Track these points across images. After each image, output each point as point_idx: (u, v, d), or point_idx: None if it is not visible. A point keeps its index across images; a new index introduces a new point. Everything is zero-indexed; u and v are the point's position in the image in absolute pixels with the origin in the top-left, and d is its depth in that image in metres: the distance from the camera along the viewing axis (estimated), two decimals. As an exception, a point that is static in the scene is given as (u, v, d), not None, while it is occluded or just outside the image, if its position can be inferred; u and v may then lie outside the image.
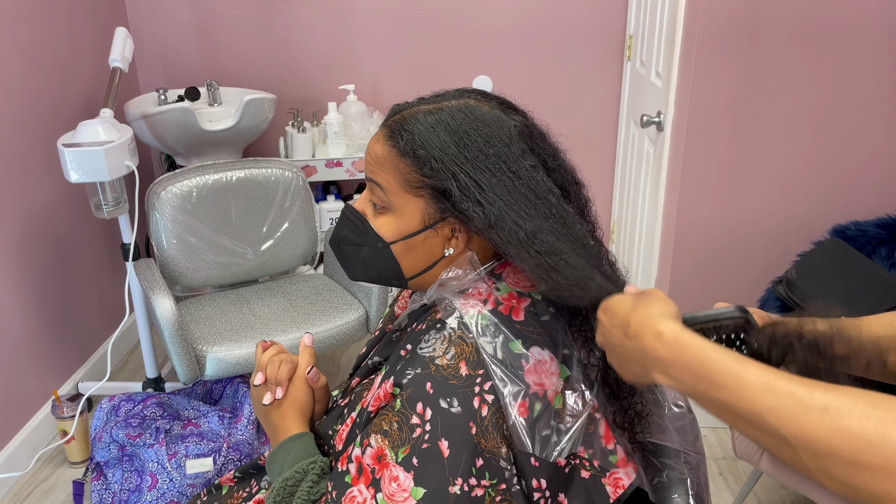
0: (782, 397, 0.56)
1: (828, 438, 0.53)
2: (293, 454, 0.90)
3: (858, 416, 0.52)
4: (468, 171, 0.79)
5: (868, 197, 2.02)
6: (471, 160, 0.79)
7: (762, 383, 0.57)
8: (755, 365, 0.59)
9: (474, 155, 0.79)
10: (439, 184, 0.80)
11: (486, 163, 0.79)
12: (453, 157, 0.79)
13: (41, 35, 2.32)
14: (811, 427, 0.54)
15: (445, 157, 0.79)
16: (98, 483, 1.98)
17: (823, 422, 0.53)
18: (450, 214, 0.81)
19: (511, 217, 0.77)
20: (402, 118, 0.84)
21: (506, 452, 0.75)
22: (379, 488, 0.74)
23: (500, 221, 0.77)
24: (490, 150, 0.80)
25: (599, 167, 3.00)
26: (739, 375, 0.59)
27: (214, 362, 2.02)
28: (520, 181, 0.79)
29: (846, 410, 0.53)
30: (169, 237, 2.19)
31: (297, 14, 2.84)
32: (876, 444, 0.51)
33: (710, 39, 1.89)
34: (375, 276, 0.89)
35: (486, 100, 0.86)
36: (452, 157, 0.79)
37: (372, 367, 0.97)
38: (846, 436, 0.52)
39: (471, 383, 0.76)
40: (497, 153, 0.80)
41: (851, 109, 1.95)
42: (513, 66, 2.88)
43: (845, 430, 0.52)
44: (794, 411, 0.55)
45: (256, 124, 2.58)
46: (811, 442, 0.54)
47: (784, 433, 0.55)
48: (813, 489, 1.68)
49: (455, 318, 0.81)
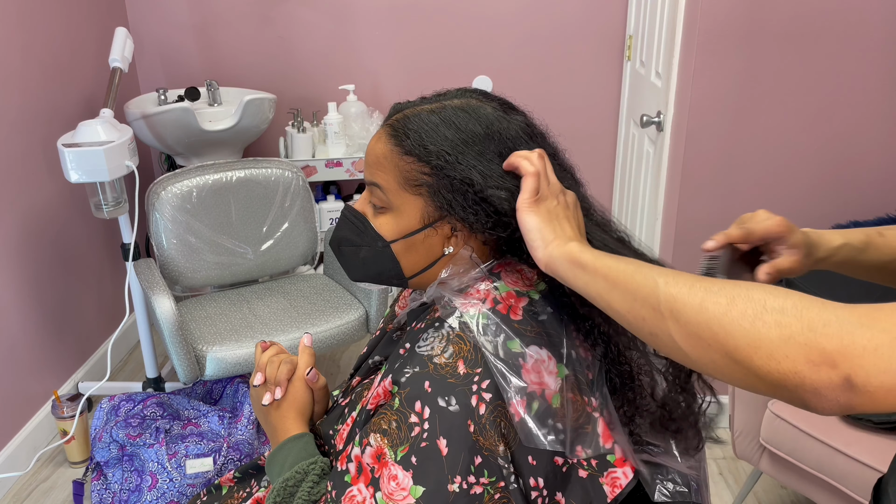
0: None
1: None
2: (293, 455, 0.90)
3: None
4: (469, 167, 0.79)
5: (868, 197, 2.02)
6: (474, 159, 0.79)
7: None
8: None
9: (477, 154, 0.80)
10: (441, 182, 0.80)
11: (490, 163, 0.80)
12: (456, 155, 0.80)
13: (41, 35, 2.32)
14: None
15: (448, 155, 0.80)
16: (98, 483, 1.98)
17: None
18: (449, 213, 0.81)
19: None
20: (404, 116, 0.84)
21: (503, 451, 0.75)
22: (378, 487, 0.74)
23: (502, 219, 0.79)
24: (493, 150, 0.80)
25: (599, 167, 3.00)
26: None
27: (214, 362, 2.02)
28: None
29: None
30: (169, 237, 2.19)
31: (297, 14, 2.84)
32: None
33: (710, 39, 1.89)
34: (376, 276, 0.89)
35: (488, 100, 0.86)
36: (455, 155, 0.80)
37: (373, 367, 0.97)
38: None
39: (469, 382, 0.76)
40: (500, 153, 0.80)
41: (851, 109, 1.95)
42: (513, 66, 2.88)
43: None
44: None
45: (256, 124, 2.58)
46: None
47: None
48: (813, 489, 1.69)
49: (454, 316, 0.81)
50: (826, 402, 0.53)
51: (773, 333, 0.55)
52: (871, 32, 1.87)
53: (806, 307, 0.56)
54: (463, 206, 0.79)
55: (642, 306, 0.64)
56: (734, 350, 0.56)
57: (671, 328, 0.61)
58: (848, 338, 0.53)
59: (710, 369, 0.59)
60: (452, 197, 0.80)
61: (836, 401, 0.53)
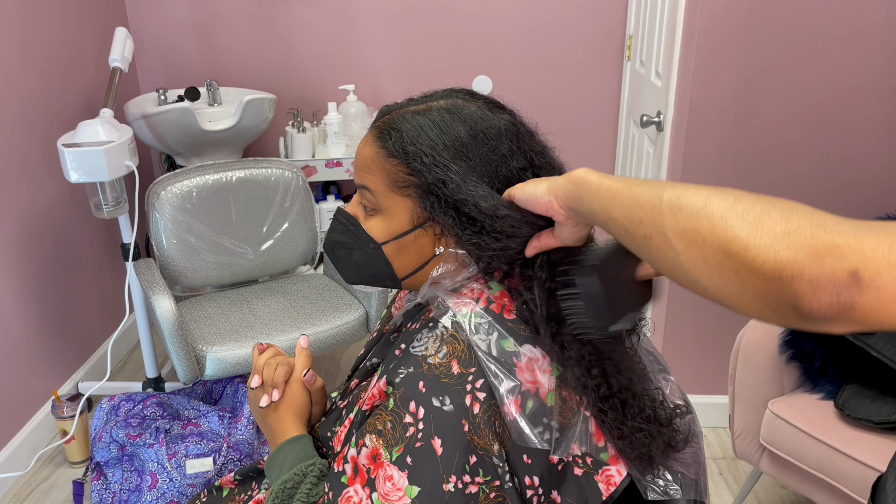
0: None
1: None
2: (291, 456, 0.90)
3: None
4: (454, 170, 0.79)
5: (868, 197, 2.02)
6: (457, 160, 0.80)
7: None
8: None
9: (461, 155, 0.80)
10: (424, 183, 0.80)
11: (472, 163, 0.80)
12: (440, 156, 0.80)
13: (41, 35, 2.32)
14: None
15: (432, 156, 0.80)
16: (98, 483, 1.98)
17: None
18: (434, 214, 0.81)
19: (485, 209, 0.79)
20: (390, 118, 0.85)
21: (498, 450, 0.75)
22: (374, 488, 0.75)
23: (474, 207, 0.79)
24: (477, 151, 0.81)
25: (599, 167, 2.97)
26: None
27: (214, 362, 2.02)
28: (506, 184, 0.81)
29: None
30: (169, 237, 2.19)
31: (297, 14, 2.84)
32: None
33: (710, 39, 1.89)
34: (369, 278, 0.90)
35: (474, 99, 0.86)
36: (439, 156, 0.80)
37: (370, 369, 0.97)
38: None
39: (462, 381, 0.76)
40: (484, 154, 0.81)
41: (851, 109, 1.94)
42: (513, 66, 2.87)
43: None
44: None
45: (256, 124, 2.58)
46: None
47: None
48: (813, 489, 1.68)
49: (448, 316, 0.81)
50: (824, 296, 0.48)
51: (778, 227, 0.51)
52: (871, 32, 1.86)
53: (818, 212, 0.52)
54: (439, 209, 0.80)
55: (641, 209, 0.62)
56: (731, 241, 0.53)
57: (667, 225, 0.58)
58: (861, 234, 0.49)
59: (698, 270, 0.56)
60: (432, 199, 0.80)
61: (837, 296, 0.48)
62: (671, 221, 0.58)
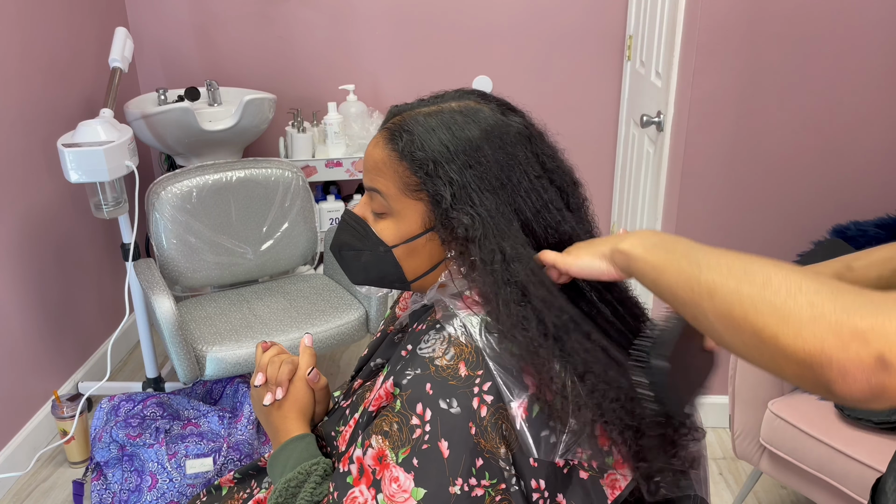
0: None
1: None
2: (295, 455, 0.90)
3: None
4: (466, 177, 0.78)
5: (868, 197, 2.02)
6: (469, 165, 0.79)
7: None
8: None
9: (474, 160, 0.79)
10: (432, 188, 0.79)
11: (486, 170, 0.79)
12: (451, 160, 0.79)
13: (41, 35, 2.32)
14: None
15: (443, 160, 0.79)
16: (98, 483, 1.98)
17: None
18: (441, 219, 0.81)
19: (493, 235, 0.77)
20: (401, 120, 0.83)
21: (504, 453, 0.75)
22: (380, 489, 0.74)
23: (481, 238, 0.77)
24: (492, 155, 0.80)
25: (599, 167, 3.00)
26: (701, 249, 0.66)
27: (214, 362, 2.02)
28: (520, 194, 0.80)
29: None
30: (169, 237, 2.19)
31: (297, 14, 2.84)
32: None
33: (710, 39, 1.89)
34: (378, 280, 0.89)
35: (486, 101, 0.85)
36: (450, 160, 0.79)
37: (374, 369, 0.97)
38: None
39: (470, 384, 0.76)
40: (498, 159, 0.80)
41: (851, 109, 1.95)
42: (513, 66, 2.87)
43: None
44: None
45: (256, 124, 2.58)
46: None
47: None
48: (813, 489, 1.69)
49: (455, 319, 0.81)
50: (855, 383, 0.50)
51: (803, 313, 0.53)
52: (871, 32, 1.87)
53: (842, 291, 0.53)
54: (451, 215, 0.79)
55: (684, 290, 0.64)
56: (762, 328, 0.55)
57: (707, 308, 0.61)
58: (883, 317, 0.50)
59: (741, 351, 0.59)
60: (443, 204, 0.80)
61: (867, 382, 0.49)
62: (709, 305, 0.60)
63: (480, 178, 0.79)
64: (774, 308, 0.54)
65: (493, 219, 0.78)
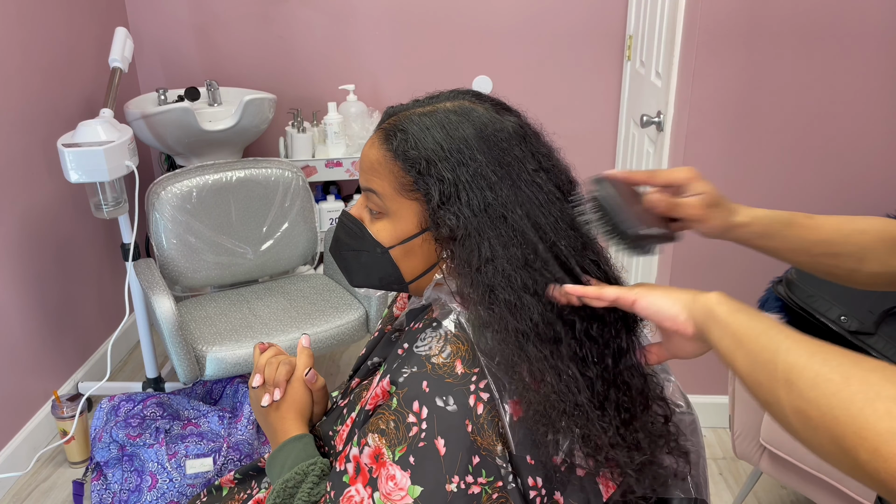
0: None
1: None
2: (293, 456, 0.90)
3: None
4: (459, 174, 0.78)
5: (868, 197, 2.02)
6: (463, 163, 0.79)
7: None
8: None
9: (468, 158, 0.79)
10: (424, 187, 0.79)
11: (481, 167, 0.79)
12: (445, 159, 0.79)
13: (41, 35, 2.32)
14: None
15: (437, 158, 0.79)
16: (98, 483, 1.98)
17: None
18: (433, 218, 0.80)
19: (476, 235, 0.77)
20: (397, 120, 0.83)
21: (501, 450, 0.75)
22: (376, 487, 0.74)
23: (464, 237, 0.77)
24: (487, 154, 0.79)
25: (599, 167, 2.99)
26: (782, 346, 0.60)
27: (214, 362, 2.02)
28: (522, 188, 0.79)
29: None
30: (169, 237, 2.19)
31: (297, 14, 2.84)
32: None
33: (710, 39, 1.89)
34: (377, 281, 0.89)
35: (481, 101, 0.85)
36: (444, 159, 0.79)
37: (371, 368, 0.97)
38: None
39: (466, 382, 0.76)
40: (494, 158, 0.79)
41: (851, 109, 1.95)
42: (513, 66, 2.88)
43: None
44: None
45: (256, 124, 2.58)
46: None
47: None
48: (813, 489, 1.68)
49: (451, 317, 0.81)
50: None
51: (882, 424, 0.47)
52: (871, 32, 1.87)
53: None
54: (439, 214, 0.79)
55: (761, 371, 0.59)
56: (841, 437, 0.49)
57: (783, 398, 0.56)
58: None
59: (822, 454, 0.53)
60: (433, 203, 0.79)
61: None
62: (786, 396, 0.55)
63: (476, 174, 0.78)
64: (852, 417, 0.49)
65: (479, 218, 0.77)
